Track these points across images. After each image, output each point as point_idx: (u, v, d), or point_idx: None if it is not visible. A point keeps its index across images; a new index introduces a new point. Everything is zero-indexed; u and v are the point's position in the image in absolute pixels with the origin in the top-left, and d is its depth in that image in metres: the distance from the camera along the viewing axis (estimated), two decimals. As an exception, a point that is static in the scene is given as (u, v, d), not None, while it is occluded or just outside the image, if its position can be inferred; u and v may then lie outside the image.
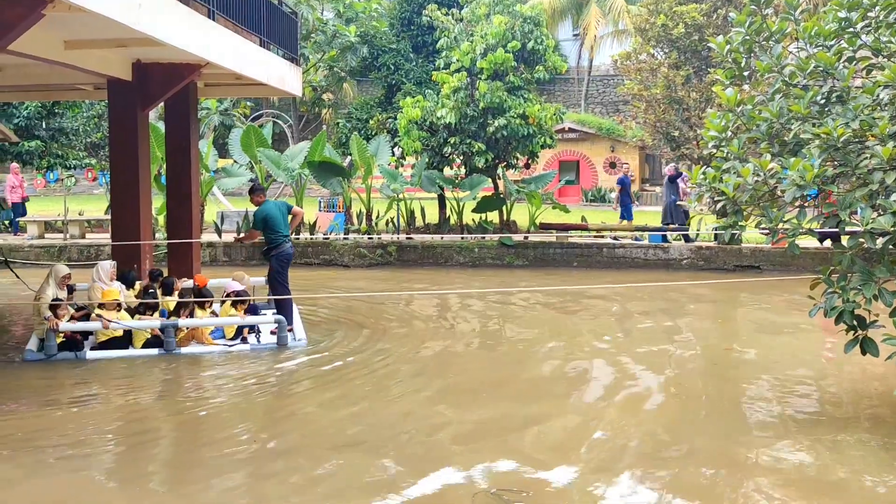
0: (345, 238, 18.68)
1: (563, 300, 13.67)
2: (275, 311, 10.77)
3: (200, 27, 9.38)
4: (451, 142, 18.83)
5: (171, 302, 10.32)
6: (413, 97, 20.16)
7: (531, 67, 19.40)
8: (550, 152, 30.14)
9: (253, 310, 10.68)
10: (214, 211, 21.74)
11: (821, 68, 6.98)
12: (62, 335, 9.54)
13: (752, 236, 16.16)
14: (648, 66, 20.50)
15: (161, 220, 18.24)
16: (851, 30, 7.11)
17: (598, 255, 17.91)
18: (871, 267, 6.60)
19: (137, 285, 10.70)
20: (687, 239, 17.87)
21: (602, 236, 18.67)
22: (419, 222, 20.30)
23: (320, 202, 20.09)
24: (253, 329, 10.21)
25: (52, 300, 9.55)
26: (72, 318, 9.76)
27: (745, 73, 7.64)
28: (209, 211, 21.24)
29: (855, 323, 6.79)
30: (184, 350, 9.70)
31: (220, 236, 18.86)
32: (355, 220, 20.43)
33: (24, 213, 21.32)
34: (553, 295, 13.95)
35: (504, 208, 19.75)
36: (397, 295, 14.05)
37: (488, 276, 16.52)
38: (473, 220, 20.24)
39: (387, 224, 20.16)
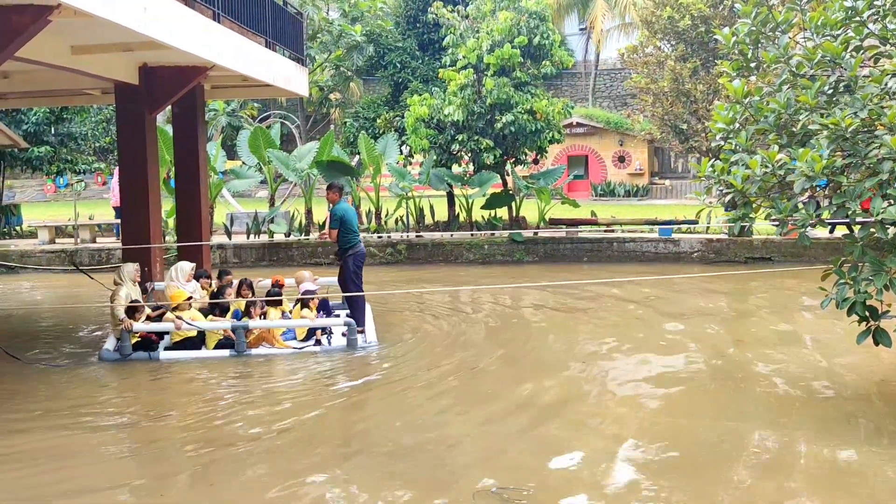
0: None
1: (602, 294, 13.68)
2: (348, 311, 10.66)
3: (206, 30, 9.40)
4: (459, 139, 18.82)
5: (242, 302, 10.34)
6: (420, 95, 20.17)
7: (538, 63, 19.35)
8: (559, 147, 30.10)
9: (326, 307, 10.68)
10: (224, 213, 21.80)
11: (828, 58, 6.95)
12: (137, 336, 9.69)
13: (763, 228, 16.10)
14: (655, 59, 20.45)
15: (171, 222, 18.30)
16: (858, 19, 7.06)
17: (608, 249, 17.89)
18: (882, 257, 6.56)
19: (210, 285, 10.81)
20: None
21: (612, 230, 18.64)
22: (428, 220, 20.30)
23: (329, 202, 20.12)
24: (325, 331, 10.20)
25: (131, 301, 9.76)
26: (147, 318, 9.91)
27: (752, 65, 7.61)
28: (218, 213, 21.30)
29: (867, 313, 6.76)
30: (254, 351, 9.74)
31: (229, 238, 18.91)
32: (365, 219, 20.46)
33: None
34: (586, 290, 13.94)
35: (513, 204, 19.72)
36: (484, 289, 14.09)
37: (499, 272, 16.50)
38: (483, 216, 20.23)
39: (396, 222, 20.17)
